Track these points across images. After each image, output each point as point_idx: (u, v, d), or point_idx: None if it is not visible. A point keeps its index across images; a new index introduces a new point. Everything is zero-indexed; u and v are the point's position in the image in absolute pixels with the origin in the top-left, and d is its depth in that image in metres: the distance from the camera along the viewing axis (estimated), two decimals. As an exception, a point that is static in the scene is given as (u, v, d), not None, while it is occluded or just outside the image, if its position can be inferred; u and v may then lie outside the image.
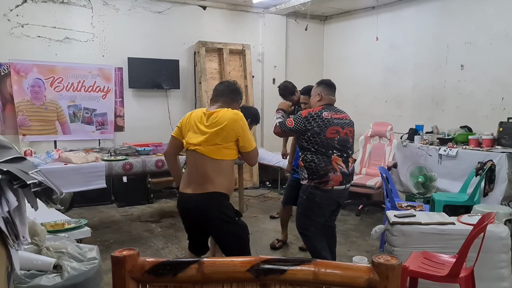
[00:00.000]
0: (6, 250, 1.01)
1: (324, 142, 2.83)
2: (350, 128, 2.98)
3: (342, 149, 2.88)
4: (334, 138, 2.85)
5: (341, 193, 2.93)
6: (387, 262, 1.01)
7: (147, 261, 1.09)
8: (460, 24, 5.01)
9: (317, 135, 2.82)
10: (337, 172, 2.84)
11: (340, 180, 2.85)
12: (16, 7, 5.01)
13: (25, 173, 0.98)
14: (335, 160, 2.84)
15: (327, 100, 2.97)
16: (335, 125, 2.86)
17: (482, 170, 3.90)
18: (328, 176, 2.82)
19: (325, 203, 2.91)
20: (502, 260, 2.66)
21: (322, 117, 2.84)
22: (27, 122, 5.01)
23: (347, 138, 2.92)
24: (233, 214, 2.45)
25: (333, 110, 2.93)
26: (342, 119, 2.93)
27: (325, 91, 2.98)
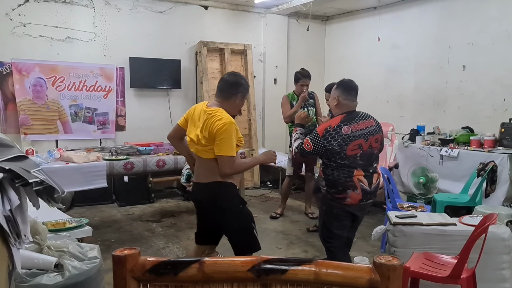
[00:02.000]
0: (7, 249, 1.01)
1: (345, 160, 2.60)
2: (376, 136, 2.70)
3: (366, 164, 2.65)
4: (356, 154, 2.60)
5: (361, 207, 2.72)
6: (389, 263, 1.01)
7: (148, 260, 1.09)
8: (462, 24, 5.00)
9: (337, 153, 2.59)
10: (357, 189, 2.61)
11: (359, 199, 2.64)
12: (18, 6, 5.02)
13: (27, 172, 0.98)
14: (357, 176, 2.61)
15: (345, 106, 2.69)
16: (357, 139, 2.59)
17: (484, 171, 3.89)
18: (346, 193, 2.61)
19: (343, 215, 2.70)
20: (503, 261, 2.65)
21: (342, 133, 2.57)
22: (29, 121, 5.02)
23: (371, 151, 2.66)
24: (237, 202, 2.50)
25: (355, 121, 2.64)
26: (365, 128, 2.64)
27: (342, 95, 2.69)
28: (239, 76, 2.59)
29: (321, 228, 2.87)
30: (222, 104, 2.47)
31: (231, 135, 2.36)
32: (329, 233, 2.76)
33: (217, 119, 2.35)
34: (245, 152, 5.07)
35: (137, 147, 4.59)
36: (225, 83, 2.52)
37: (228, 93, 2.49)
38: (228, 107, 2.46)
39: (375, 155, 2.73)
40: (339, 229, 2.75)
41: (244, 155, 5.01)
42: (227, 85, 2.51)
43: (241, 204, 2.52)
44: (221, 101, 2.49)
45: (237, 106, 2.54)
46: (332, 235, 2.76)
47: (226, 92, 2.49)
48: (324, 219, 2.79)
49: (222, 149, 2.35)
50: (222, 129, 2.33)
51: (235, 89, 2.49)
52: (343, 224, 2.74)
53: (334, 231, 2.74)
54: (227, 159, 2.37)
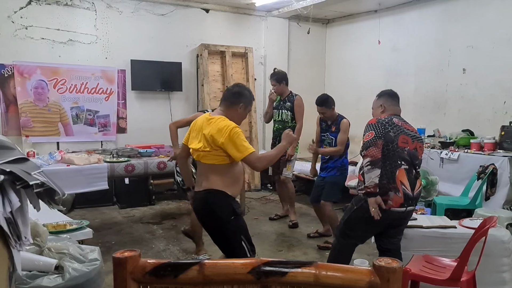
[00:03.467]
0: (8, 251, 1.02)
1: (395, 150, 2.51)
2: (420, 143, 2.67)
3: (412, 162, 2.57)
4: (404, 148, 2.54)
5: (399, 215, 2.55)
6: (388, 265, 1.01)
7: (148, 262, 1.09)
8: (462, 28, 5.01)
9: (391, 141, 2.51)
10: (399, 192, 2.49)
11: (401, 202, 2.50)
12: (20, 9, 5.04)
13: (28, 174, 0.98)
14: (399, 178, 2.50)
15: (391, 111, 2.70)
16: (406, 135, 2.57)
17: (484, 174, 3.89)
18: (388, 195, 2.48)
19: (374, 222, 2.52)
20: (503, 264, 2.65)
21: (393, 122, 2.57)
22: (30, 124, 5.03)
23: (416, 153, 2.60)
24: (227, 213, 2.45)
25: (402, 120, 2.66)
26: (412, 131, 2.65)
27: (388, 101, 2.73)
28: (243, 87, 2.68)
29: (341, 222, 2.77)
30: (225, 112, 2.54)
31: (240, 135, 2.40)
32: (348, 230, 2.68)
33: (223, 125, 2.41)
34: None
35: (138, 149, 4.60)
36: (228, 92, 2.63)
37: (230, 102, 2.56)
38: (230, 116, 2.51)
39: (419, 160, 2.65)
40: (363, 232, 2.66)
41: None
42: (230, 94, 2.60)
43: (233, 215, 2.47)
44: (224, 109, 2.56)
45: (239, 116, 2.59)
46: (351, 234, 2.68)
47: (228, 101, 2.57)
48: (351, 217, 2.67)
49: (241, 151, 2.38)
50: (230, 133, 2.37)
51: (237, 98, 2.56)
52: (369, 229, 2.65)
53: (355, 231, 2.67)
54: (251, 157, 2.40)
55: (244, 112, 2.61)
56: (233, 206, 2.50)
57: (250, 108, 2.66)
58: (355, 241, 2.75)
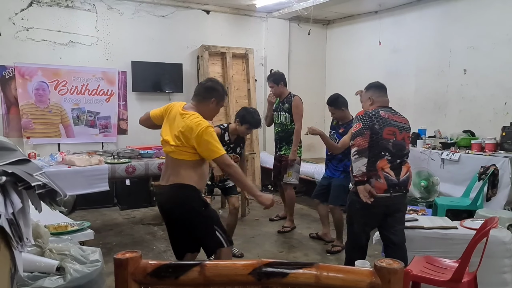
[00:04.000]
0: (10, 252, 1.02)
1: (379, 142, 2.61)
2: (408, 133, 2.77)
3: (395, 154, 2.64)
4: (389, 139, 2.63)
5: (386, 200, 2.62)
6: (389, 266, 1.01)
7: (150, 263, 1.09)
8: (463, 28, 5.01)
9: (376, 133, 2.60)
10: (381, 179, 2.58)
11: (384, 189, 2.59)
12: (21, 10, 5.05)
13: (30, 175, 0.99)
14: (381, 166, 2.60)
15: (380, 102, 2.79)
16: (392, 126, 2.66)
17: (485, 175, 3.89)
18: (369, 182, 2.58)
19: (367, 211, 2.62)
20: (505, 265, 2.65)
21: (380, 115, 2.65)
22: (31, 125, 5.04)
23: (403, 143, 2.69)
24: (196, 205, 2.51)
25: (390, 112, 2.74)
26: (400, 122, 2.72)
27: (375, 93, 2.83)
28: (216, 82, 2.68)
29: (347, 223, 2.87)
30: (197, 107, 2.53)
31: (212, 136, 2.39)
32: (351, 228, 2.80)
33: (195, 123, 2.39)
34: (246, 155, 5.09)
35: (139, 150, 4.60)
36: (201, 87, 2.63)
37: (202, 96, 2.56)
38: (202, 111, 2.51)
39: (407, 150, 2.73)
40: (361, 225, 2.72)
41: (246, 158, 5.03)
42: (202, 89, 2.60)
43: (203, 206, 2.53)
44: (196, 104, 2.55)
45: (211, 111, 2.58)
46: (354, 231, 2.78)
47: (200, 96, 2.57)
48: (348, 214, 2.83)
49: (212, 152, 2.40)
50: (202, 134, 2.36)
51: (209, 93, 2.56)
52: (364, 221, 2.70)
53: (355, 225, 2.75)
54: (221, 159, 2.42)
55: (216, 107, 2.59)
56: (201, 198, 2.57)
57: (222, 103, 2.65)
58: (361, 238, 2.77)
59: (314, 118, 4.26)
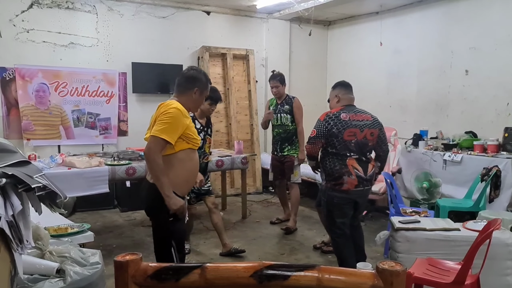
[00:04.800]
0: (10, 254, 1.01)
1: (342, 143, 2.87)
2: (372, 130, 2.96)
3: (360, 152, 2.90)
4: (351, 140, 2.87)
5: (359, 194, 2.95)
6: (392, 268, 1.00)
7: (150, 266, 1.09)
8: (465, 29, 5.00)
9: (335, 137, 2.86)
10: (352, 175, 2.87)
11: (356, 184, 2.89)
12: (22, 12, 5.05)
13: (30, 177, 0.98)
14: (351, 163, 2.87)
15: (345, 100, 3.01)
16: (352, 127, 2.88)
17: (488, 176, 3.87)
18: (342, 179, 2.87)
19: (344, 203, 2.94)
20: (508, 267, 2.64)
21: (340, 118, 2.87)
22: (32, 127, 5.03)
23: (365, 141, 2.93)
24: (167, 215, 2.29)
25: (353, 111, 2.95)
26: (361, 121, 2.93)
27: (341, 91, 3.05)
28: (199, 71, 2.49)
29: (325, 219, 3.12)
30: (180, 99, 2.37)
31: (175, 120, 2.19)
32: (332, 222, 3.00)
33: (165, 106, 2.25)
34: (247, 157, 5.08)
35: (139, 152, 4.59)
36: (181, 77, 2.44)
37: (183, 87, 2.39)
38: (185, 102, 2.34)
39: (370, 147, 2.99)
40: (340, 217, 2.97)
41: (247, 159, 5.02)
42: (184, 79, 2.41)
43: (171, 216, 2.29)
44: (178, 96, 2.40)
45: (194, 102, 2.42)
46: (335, 224, 2.99)
47: (181, 87, 2.40)
48: (326, 210, 3.03)
49: (158, 129, 2.17)
50: (167, 111, 2.19)
51: (191, 83, 2.39)
52: (343, 212, 2.97)
53: (336, 219, 2.97)
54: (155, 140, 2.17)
55: (200, 97, 2.42)
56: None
57: (206, 93, 2.48)
58: (344, 231, 3.01)
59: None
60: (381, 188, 4.85)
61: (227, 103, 6.30)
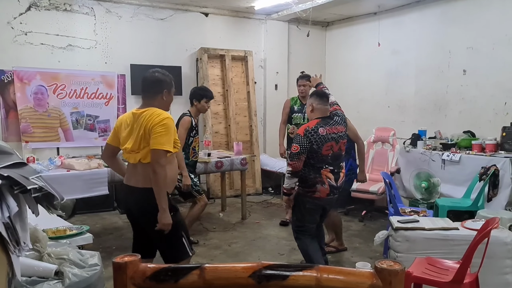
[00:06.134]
0: (7, 256, 1.01)
1: (319, 158, 2.95)
2: (344, 140, 3.09)
3: (334, 163, 3.02)
4: (328, 154, 2.97)
5: (329, 201, 3.09)
6: (390, 268, 1.00)
7: (149, 267, 1.08)
8: (462, 29, 5.01)
9: (315, 152, 2.92)
10: (325, 184, 2.97)
11: (327, 193, 2.99)
12: (20, 15, 5.05)
13: (26, 179, 0.98)
14: (325, 173, 2.97)
15: (319, 111, 3.04)
16: (330, 141, 2.96)
17: (486, 175, 3.87)
18: (315, 187, 2.97)
19: (314, 209, 3.07)
20: (507, 266, 2.64)
21: (319, 133, 2.92)
22: (30, 129, 5.03)
23: (340, 152, 3.06)
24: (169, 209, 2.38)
25: (328, 125, 2.98)
26: (337, 133, 3.02)
27: (315, 101, 3.07)
28: (161, 73, 2.47)
29: (293, 221, 3.22)
30: (152, 104, 2.39)
31: (171, 130, 2.28)
32: (302, 225, 3.10)
33: (155, 116, 2.28)
34: (246, 158, 5.08)
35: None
36: (146, 82, 2.44)
37: (152, 93, 2.41)
38: (157, 106, 2.38)
39: (342, 156, 3.12)
40: (310, 222, 3.11)
41: (246, 161, 5.02)
42: (149, 85, 2.42)
43: (171, 211, 2.38)
44: (149, 102, 2.40)
45: (166, 103, 2.45)
46: (305, 228, 3.11)
47: (149, 93, 2.41)
48: (297, 214, 3.12)
49: (159, 142, 2.24)
50: (161, 123, 2.26)
51: (158, 87, 2.41)
52: (314, 217, 3.11)
53: (307, 224, 3.10)
54: (161, 154, 2.25)
55: (169, 97, 2.45)
56: (171, 202, 2.43)
57: (173, 90, 2.48)
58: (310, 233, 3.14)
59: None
60: (380, 188, 4.86)
61: (226, 104, 6.30)
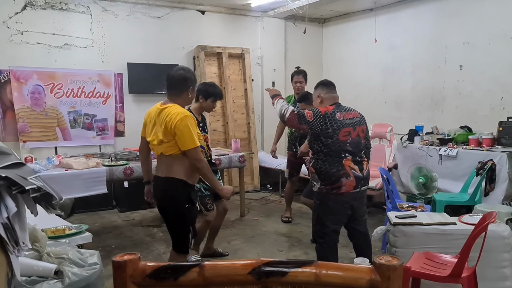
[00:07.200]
0: (6, 256, 1.01)
1: (336, 145, 2.72)
2: (362, 127, 2.86)
3: (355, 151, 2.78)
4: (346, 140, 2.74)
5: (355, 196, 2.80)
6: (388, 263, 1.01)
7: (148, 265, 1.09)
8: (458, 24, 5.01)
9: (330, 137, 2.71)
10: (350, 176, 2.73)
11: (354, 185, 2.76)
12: (16, 14, 5.03)
13: (24, 179, 0.98)
14: (347, 164, 2.73)
15: (329, 99, 2.87)
16: (347, 127, 2.76)
17: (483, 170, 3.89)
18: (340, 182, 2.72)
19: (339, 208, 2.80)
20: (504, 260, 2.65)
21: (336, 118, 2.74)
22: (28, 129, 5.02)
23: (359, 139, 2.82)
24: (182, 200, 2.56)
25: (344, 110, 2.83)
26: (353, 118, 2.82)
27: (324, 90, 2.92)
28: (186, 70, 2.65)
29: (314, 223, 2.92)
30: (176, 100, 2.57)
31: (190, 127, 2.43)
32: (324, 227, 2.83)
33: (173, 113, 2.44)
34: (244, 155, 5.08)
35: (137, 152, 4.57)
36: (172, 80, 2.60)
37: (178, 90, 2.58)
38: (181, 102, 2.57)
39: (363, 144, 2.86)
40: (333, 223, 2.83)
41: (244, 158, 5.02)
42: (175, 82, 2.59)
43: (188, 203, 2.57)
44: (174, 99, 2.57)
45: (190, 99, 2.66)
46: (326, 230, 2.83)
47: (176, 90, 2.58)
48: (318, 214, 2.86)
49: (186, 143, 2.43)
50: (183, 123, 2.41)
51: (184, 85, 2.58)
52: (337, 217, 2.83)
53: (328, 224, 2.82)
54: (194, 151, 2.45)
55: (193, 93, 2.65)
56: (190, 195, 2.59)
57: (197, 85, 2.73)
58: (333, 238, 2.87)
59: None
60: (377, 184, 4.87)
61: (223, 102, 6.30)
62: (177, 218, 2.61)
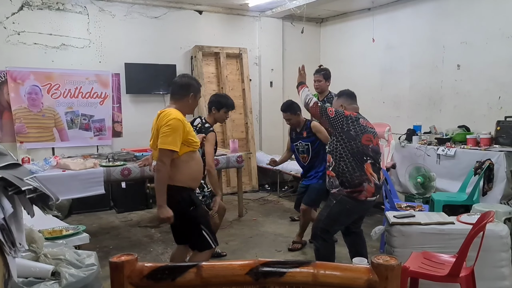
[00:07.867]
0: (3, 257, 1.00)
1: (359, 148, 2.76)
2: (377, 138, 2.96)
3: (375, 158, 2.83)
4: (368, 145, 2.80)
5: (370, 204, 2.87)
6: (386, 263, 1.00)
7: (146, 266, 1.08)
8: (456, 24, 5.02)
9: (353, 140, 2.75)
10: (371, 183, 2.77)
11: (373, 192, 2.78)
12: (12, 14, 5.01)
13: (20, 180, 0.97)
14: (368, 170, 2.77)
15: (352, 109, 2.91)
16: (369, 133, 2.83)
17: (481, 169, 3.90)
18: (362, 186, 2.75)
19: (354, 212, 2.86)
20: (502, 259, 2.66)
21: (359, 122, 2.81)
22: (25, 130, 5.00)
23: (378, 148, 2.91)
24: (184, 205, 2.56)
25: (365, 119, 2.91)
26: (372, 128, 2.90)
27: (347, 101, 2.95)
28: (190, 77, 2.77)
29: (323, 219, 2.89)
30: (176, 106, 2.61)
31: (176, 130, 2.42)
32: (333, 225, 2.90)
33: (166, 116, 2.47)
34: (242, 155, 5.08)
35: (134, 153, 4.58)
36: (176, 85, 2.67)
37: (179, 94, 2.63)
38: (181, 108, 2.60)
39: (380, 154, 2.96)
40: (342, 224, 2.95)
41: (242, 158, 5.02)
42: (178, 87, 2.65)
43: (191, 206, 2.59)
44: (174, 103, 2.63)
45: (190, 106, 2.68)
46: (334, 229, 2.94)
47: (177, 94, 2.64)
48: (332, 211, 2.84)
49: (163, 141, 2.42)
50: (168, 123, 2.42)
51: (186, 90, 2.62)
52: (348, 220, 2.93)
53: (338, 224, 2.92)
54: (165, 152, 2.42)
55: (194, 101, 2.67)
56: (191, 198, 2.61)
57: (199, 95, 2.71)
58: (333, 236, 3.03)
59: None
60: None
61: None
62: (188, 222, 2.63)
